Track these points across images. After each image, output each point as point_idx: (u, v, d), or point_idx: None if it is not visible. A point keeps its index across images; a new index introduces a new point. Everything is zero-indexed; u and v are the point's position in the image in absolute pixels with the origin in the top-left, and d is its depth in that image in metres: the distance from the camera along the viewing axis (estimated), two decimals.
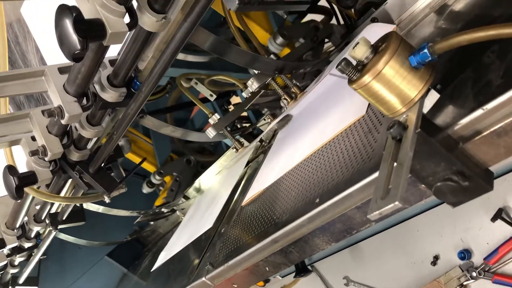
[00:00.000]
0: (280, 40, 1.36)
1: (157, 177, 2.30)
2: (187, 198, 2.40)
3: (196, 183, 2.34)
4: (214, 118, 1.45)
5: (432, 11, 1.12)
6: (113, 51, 0.99)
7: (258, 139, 1.77)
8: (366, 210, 0.82)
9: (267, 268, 1.09)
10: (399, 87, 0.72)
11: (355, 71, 0.74)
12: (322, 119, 1.24)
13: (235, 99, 2.42)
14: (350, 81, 0.75)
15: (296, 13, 1.88)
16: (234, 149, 1.57)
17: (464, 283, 1.31)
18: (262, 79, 1.23)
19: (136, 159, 2.29)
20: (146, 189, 2.37)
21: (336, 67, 0.74)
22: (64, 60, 1.07)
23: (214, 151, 2.90)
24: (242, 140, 1.57)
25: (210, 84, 1.78)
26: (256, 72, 1.27)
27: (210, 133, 1.44)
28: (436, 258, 1.37)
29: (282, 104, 1.29)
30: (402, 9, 1.20)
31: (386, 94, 0.73)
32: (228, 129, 1.52)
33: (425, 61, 0.68)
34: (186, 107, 2.45)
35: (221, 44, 1.11)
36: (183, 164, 2.42)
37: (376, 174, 0.77)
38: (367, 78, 0.72)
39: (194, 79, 1.84)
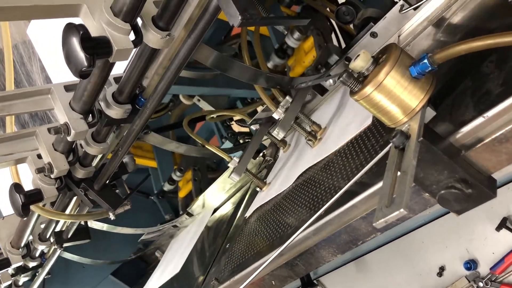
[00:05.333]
0: (297, 34, 1.40)
1: (178, 174, 2.40)
2: (190, 215, 2.40)
3: (200, 200, 2.34)
4: (234, 162, 1.46)
5: (430, 24, 1.13)
6: (118, 68, 1.01)
7: (261, 154, 1.79)
8: (371, 220, 0.83)
9: (273, 282, 1.09)
10: (400, 97, 0.73)
11: (357, 83, 0.75)
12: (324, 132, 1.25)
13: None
14: (352, 93, 0.76)
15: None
16: (258, 188, 1.54)
17: None
18: (287, 126, 1.25)
19: (149, 163, 2.35)
20: (167, 187, 2.46)
21: (338, 79, 0.75)
22: (69, 79, 1.09)
23: (217, 167, 2.91)
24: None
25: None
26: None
27: (234, 178, 1.45)
28: (442, 269, 1.36)
29: (308, 145, 1.30)
30: (401, 23, 1.22)
31: (387, 104, 0.74)
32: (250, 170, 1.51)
33: (425, 71, 0.70)
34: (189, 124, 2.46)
35: (224, 60, 1.13)
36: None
37: (380, 184, 0.78)
38: (368, 89, 0.74)
39: (196, 96, 1.86)
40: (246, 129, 2.30)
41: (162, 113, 2.21)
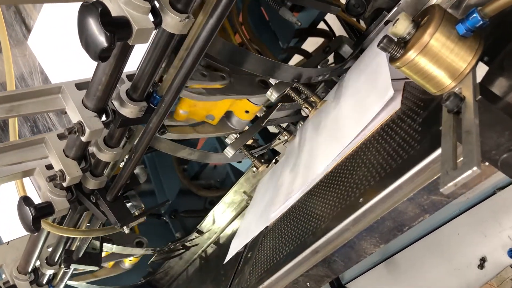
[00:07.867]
0: None
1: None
2: (201, 232, 2.32)
3: (210, 217, 2.27)
4: (231, 137, 1.40)
5: (449, 6, 1.09)
6: (130, 66, 0.95)
7: (274, 160, 1.72)
8: (419, 201, 0.76)
9: (308, 284, 1.01)
10: (446, 60, 0.68)
11: (398, 48, 0.70)
12: (346, 125, 1.19)
13: None
14: (393, 59, 0.71)
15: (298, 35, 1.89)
16: (254, 168, 1.51)
17: None
18: (281, 88, 1.19)
19: None
20: None
21: (378, 45, 0.70)
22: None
23: (220, 186, 2.85)
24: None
25: None
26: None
27: (229, 152, 1.38)
28: (483, 260, 1.28)
29: (303, 114, 1.24)
30: (417, 8, 1.18)
31: (433, 69, 0.69)
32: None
33: (475, 26, 0.64)
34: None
35: (239, 52, 1.08)
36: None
37: (432, 156, 0.72)
38: (412, 54, 0.68)
39: None
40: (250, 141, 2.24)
41: None
